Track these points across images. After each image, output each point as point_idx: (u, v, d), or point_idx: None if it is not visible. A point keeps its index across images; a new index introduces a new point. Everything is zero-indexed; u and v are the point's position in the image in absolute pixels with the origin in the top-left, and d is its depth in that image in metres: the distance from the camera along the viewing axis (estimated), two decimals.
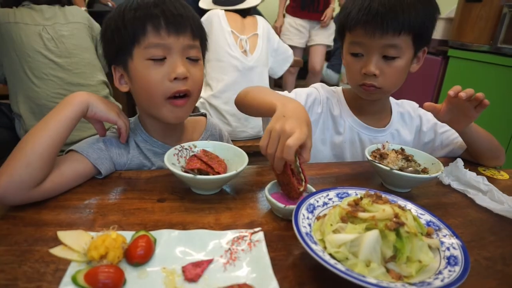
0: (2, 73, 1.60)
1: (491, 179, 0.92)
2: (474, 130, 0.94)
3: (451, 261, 0.50)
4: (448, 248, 0.53)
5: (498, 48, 2.32)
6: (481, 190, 0.83)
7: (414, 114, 1.11)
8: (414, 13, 0.85)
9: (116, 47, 0.79)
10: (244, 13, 1.96)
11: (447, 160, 1.00)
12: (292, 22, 3.18)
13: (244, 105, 0.91)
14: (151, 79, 0.77)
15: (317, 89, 1.08)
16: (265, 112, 0.76)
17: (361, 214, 0.52)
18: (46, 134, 0.67)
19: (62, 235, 0.50)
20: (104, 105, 0.77)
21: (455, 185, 0.86)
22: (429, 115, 1.10)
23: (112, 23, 0.79)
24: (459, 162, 0.91)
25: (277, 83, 3.86)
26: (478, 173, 0.92)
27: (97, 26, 1.76)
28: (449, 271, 0.48)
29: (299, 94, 1.04)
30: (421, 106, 1.10)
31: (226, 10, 1.89)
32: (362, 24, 0.87)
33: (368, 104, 1.04)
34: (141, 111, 0.89)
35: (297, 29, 3.18)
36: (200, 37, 0.84)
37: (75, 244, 0.49)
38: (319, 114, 1.05)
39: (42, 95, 1.55)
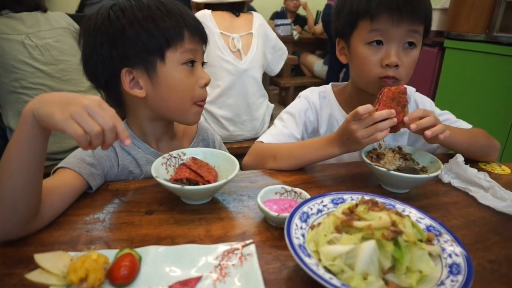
0: None
1: (491, 174, 0.89)
2: (451, 140, 0.89)
3: (453, 269, 0.47)
4: (450, 255, 0.50)
5: (494, 37, 2.29)
6: (482, 187, 0.80)
7: (410, 99, 1.06)
8: (429, 1, 0.88)
9: (143, 48, 0.74)
10: (236, 9, 1.82)
11: (447, 156, 0.97)
12: None
13: (282, 166, 0.90)
14: (187, 85, 0.80)
15: (306, 99, 1.05)
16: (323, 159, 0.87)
17: (357, 223, 0.49)
18: (16, 174, 0.55)
19: (39, 258, 0.47)
20: (49, 106, 0.53)
21: (455, 183, 0.83)
22: (426, 101, 1.06)
23: (133, 17, 0.74)
24: (459, 157, 0.88)
25: (272, 81, 3.82)
26: (479, 169, 0.90)
27: None
28: (452, 281, 0.45)
29: (294, 114, 1.02)
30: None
31: (216, 5, 1.79)
32: (388, 10, 0.84)
33: (363, 100, 1.00)
34: (143, 116, 0.83)
35: None
36: None
37: (53, 267, 0.46)
38: (313, 122, 1.05)
39: None
